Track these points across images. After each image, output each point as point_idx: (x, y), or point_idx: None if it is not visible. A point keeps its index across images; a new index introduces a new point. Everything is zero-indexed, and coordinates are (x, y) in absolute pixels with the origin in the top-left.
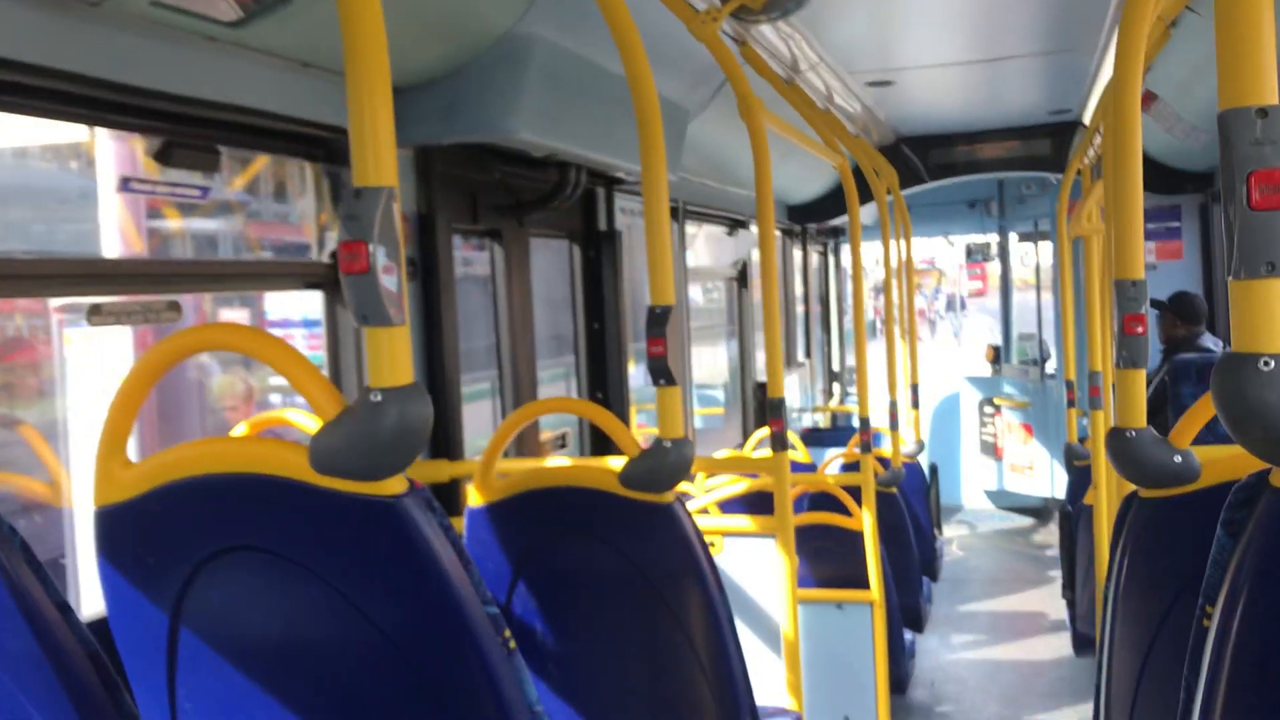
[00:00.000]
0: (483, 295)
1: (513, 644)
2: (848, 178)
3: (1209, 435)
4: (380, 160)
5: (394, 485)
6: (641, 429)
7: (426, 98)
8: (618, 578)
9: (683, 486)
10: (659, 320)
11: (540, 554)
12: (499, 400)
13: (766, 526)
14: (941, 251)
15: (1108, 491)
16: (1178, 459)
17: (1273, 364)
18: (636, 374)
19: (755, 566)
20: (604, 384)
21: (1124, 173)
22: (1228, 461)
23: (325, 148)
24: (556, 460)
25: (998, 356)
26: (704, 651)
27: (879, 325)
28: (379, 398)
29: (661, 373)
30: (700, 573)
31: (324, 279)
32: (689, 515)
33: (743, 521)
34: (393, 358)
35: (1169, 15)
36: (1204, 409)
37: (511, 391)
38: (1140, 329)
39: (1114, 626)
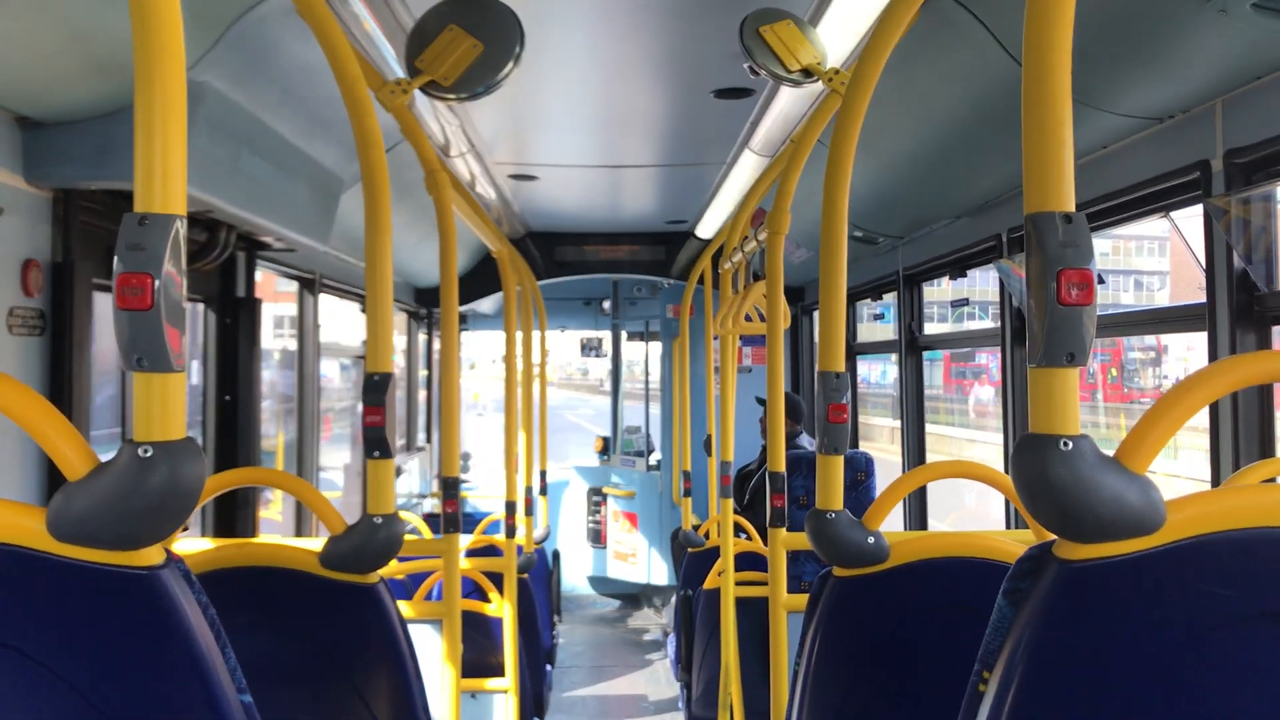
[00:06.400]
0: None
1: None
2: (504, 264)
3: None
4: (170, 185)
5: (151, 555)
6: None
7: (74, 136)
8: (304, 665)
9: None
10: (377, 388)
11: None
12: None
13: (432, 612)
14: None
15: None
16: (871, 540)
17: (1071, 444)
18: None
19: None
20: (234, 460)
21: (830, 283)
22: (913, 543)
23: None
24: (189, 542)
25: (607, 447)
26: None
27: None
28: (149, 452)
29: (377, 444)
30: (400, 658)
31: None
32: (392, 597)
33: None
34: (166, 408)
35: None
36: (890, 496)
37: None
38: (844, 417)
39: (805, 695)
